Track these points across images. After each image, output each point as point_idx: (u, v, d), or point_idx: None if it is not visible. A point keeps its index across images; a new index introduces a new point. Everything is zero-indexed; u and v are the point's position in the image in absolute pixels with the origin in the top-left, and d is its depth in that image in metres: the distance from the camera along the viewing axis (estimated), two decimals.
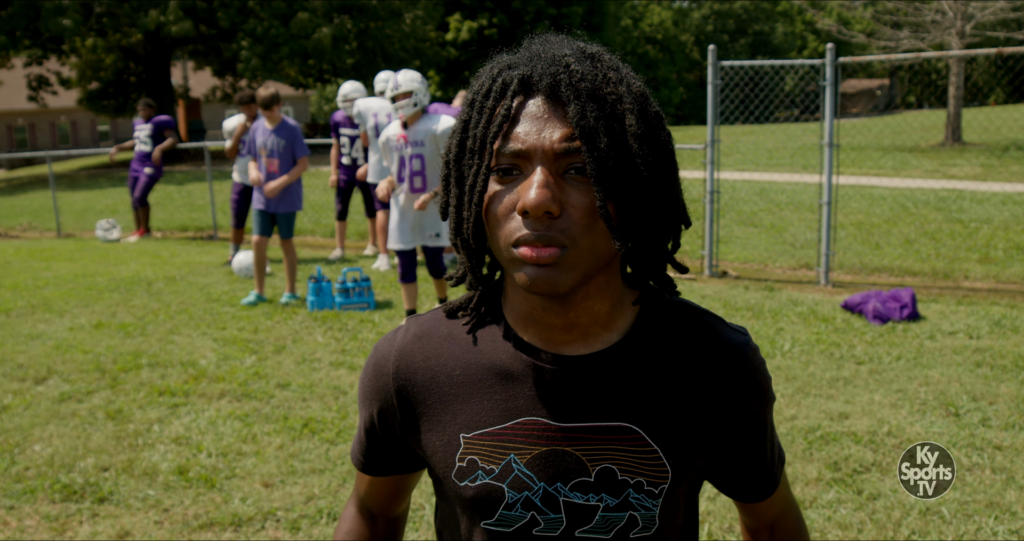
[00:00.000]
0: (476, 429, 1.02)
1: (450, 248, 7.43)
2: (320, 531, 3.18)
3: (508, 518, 1.01)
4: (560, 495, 0.99)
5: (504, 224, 0.93)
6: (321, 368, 5.11)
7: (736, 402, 1.04)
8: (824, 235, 7.10)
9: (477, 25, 33.08)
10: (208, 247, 10.18)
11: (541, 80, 0.93)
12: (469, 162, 0.97)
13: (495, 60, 1.01)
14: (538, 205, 0.89)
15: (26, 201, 16.97)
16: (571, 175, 0.92)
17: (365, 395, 1.11)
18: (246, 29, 23.12)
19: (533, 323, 1.01)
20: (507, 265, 0.95)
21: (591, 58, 0.96)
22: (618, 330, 1.02)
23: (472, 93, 0.99)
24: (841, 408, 4.20)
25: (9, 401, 4.69)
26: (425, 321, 1.10)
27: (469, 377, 1.04)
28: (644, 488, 0.99)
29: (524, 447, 1.00)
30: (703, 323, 1.05)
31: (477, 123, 0.96)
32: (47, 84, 27.72)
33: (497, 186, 0.94)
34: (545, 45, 0.98)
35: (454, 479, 1.03)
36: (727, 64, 7.52)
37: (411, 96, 5.51)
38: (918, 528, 3.07)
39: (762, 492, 1.14)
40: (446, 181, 1.02)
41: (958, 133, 19.70)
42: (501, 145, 0.93)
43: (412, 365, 1.06)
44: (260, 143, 6.69)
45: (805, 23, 53.67)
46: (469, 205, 0.97)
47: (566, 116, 0.91)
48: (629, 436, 0.99)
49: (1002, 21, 21.10)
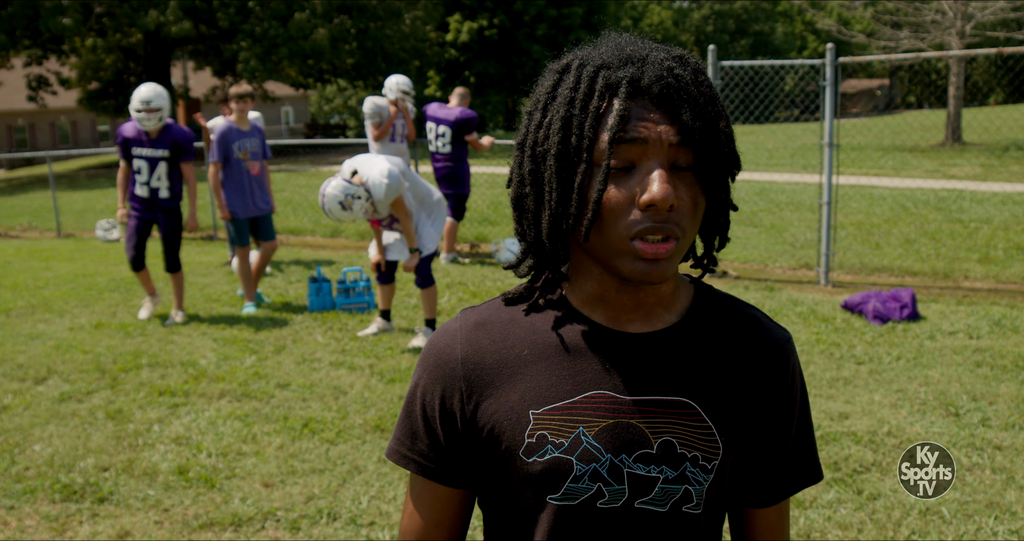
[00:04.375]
0: (545, 404, 1.05)
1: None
2: (320, 531, 3.18)
3: (574, 491, 1.04)
4: (624, 466, 1.03)
5: (620, 218, 0.98)
6: (321, 368, 5.11)
7: (776, 391, 1.10)
8: (824, 235, 7.10)
9: (477, 26, 33.07)
10: (208, 247, 10.18)
11: (652, 84, 0.98)
12: (576, 159, 1.00)
13: (577, 57, 1.04)
14: (665, 198, 0.95)
15: (26, 201, 16.97)
16: (675, 170, 0.99)
17: (427, 384, 1.11)
18: (246, 29, 23.13)
19: (602, 304, 1.07)
20: (613, 255, 1.00)
21: (681, 62, 1.02)
22: (676, 311, 1.10)
23: (566, 89, 1.01)
24: (841, 408, 4.20)
25: (9, 401, 4.69)
26: (483, 310, 1.13)
27: (536, 356, 1.07)
28: (699, 462, 1.04)
29: (592, 420, 1.04)
30: (749, 315, 1.13)
31: (582, 121, 0.99)
32: (47, 84, 27.72)
33: (610, 182, 0.99)
34: (635, 46, 1.02)
35: (522, 456, 1.05)
36: (727, 64, 7.52)
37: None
38: (918, 528, 3.07)
39: (785, 487, 1.14)
40: (535, 176, 1.04)
41: (958, 133, 19.71)
42: (620, 139, 0.97)
43: (480, 349, 1.09)
44: (238, 146, 6.56)
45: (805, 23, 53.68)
46: (581, 202, 1.00)
47: (671, 117, 0.98)
48: (687, 411, 1.05)
49: (1002, 21, 21.10)
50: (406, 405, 1.15)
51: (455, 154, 8.12)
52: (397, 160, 5.33)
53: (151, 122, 6.01)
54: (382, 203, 5.13)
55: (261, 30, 22.91)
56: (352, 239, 10.26)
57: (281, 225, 11.11)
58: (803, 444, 1.15)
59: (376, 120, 7.52)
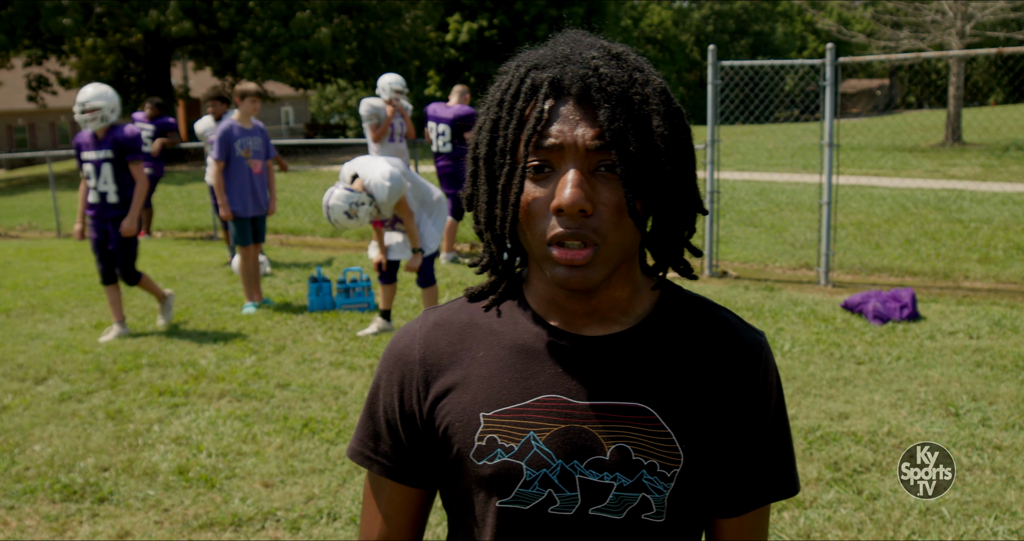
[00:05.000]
0: (496, 407, 1.04)
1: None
2: (320, 531, 3.18)
3: (525, 496, 1.02)
4: (576, 473, 1.01)
5: (538, 222, 0.97)
6: (321, 368, 5.11)
7: (748, 396, 1.05)
8: (824, 235, 7.10)
9: (477, 26, 33.05)
10: (208, 247, 10.18)
11: (572, 84, 0.96)
12: (500, 161, 1.00)
13: (519, 58, 1.03)
14: (573, 203, 0.93)
15: (26, 201, 16.97)
16: (601, 172, 0.96)
17: (387, 385, 1.11)
18: (246, 29, 23.12)
19: (555, 307, 1.05)
20: (540, 260, 0.99)
21: (617, 58, 0.99)
22: (635, 315, 1.06)
23: (499, 92, 1.02)
24: (841, 408, 4.20)
25: (9, 401, 4.69)
26: (444, 310, 1.13)
27: (491, 357, 1.06)
28: (657, 470, 1.01)
29: (543, 424, 1.02)
30: (719, 318, 1.08)
31: (507, 123, 0.99)
32: (47, 84, 27.69)
33: (530, 185, 0.98)
34: (572, 45, 1.01)
35: (472, 459, 1.04)
36: (727, 64, 7.51)
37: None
38: (918, 528, 3.07)
39: (753, 498, 1.08)
40: (474, 177, 1.05)
41: (958, 133, 19.70)
42: (535, 143, 0.96)
43: (438, 350, 1.09)
44: (240, 145, 6.57)
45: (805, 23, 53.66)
46: (504, 204, 1.00)
47: (596, 117, 0.95)
48: (644, 417, 1.01)
49: (1002, 21, 21.09)
50: (367, 405, 1.14)
51: (455, 152, 8.14)
52: (397, 161, 5.33)
53: (92, 123, 5.74)
54: (386, 205, 5.13)
55: (262, 30, 22.90)
56: (352, 239, 10.26)
57: (281, 225, 11.12)
58: (777, 453, 1.08)
59: (374, 122, 7.52)
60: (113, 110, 5.78)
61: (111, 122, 5.79)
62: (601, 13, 34.95)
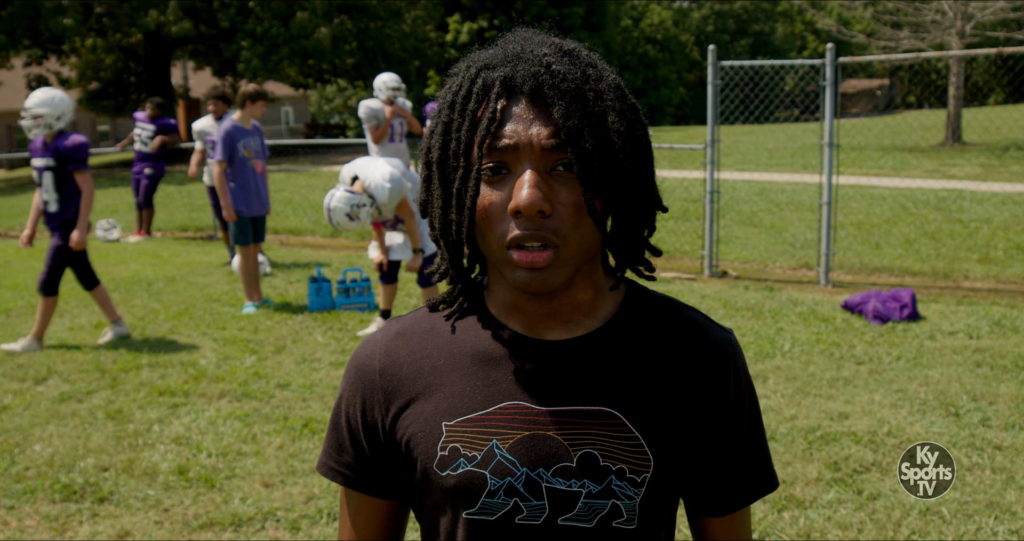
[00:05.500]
0: (458, 416, 1.01)
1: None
2: (320, 531, 3.18)
3: (491, 506, 1.00)
4: (543, 481, 0.98)
5: (496, 226, 0.94)
6: (321, 368, 5.11)
7: (718, 396, 1.04)
8: (824, 235, 7.10)
9: (477, 26, 33.04)
10: (208, 247, 10.18)
11: (524, 82, 0.93)
12: (454, 165, 0.97)
13: (468, 59, 1.01)
14: (530, 205, 0.90)
15: (26, 201, 16.94)
16: (559, 171, 0.93)
17: (350, 397, 1.09)
18: (246, 29, 23.12)
19: (516, 312, 1.03)
20: (499, 265, 0.96)
21: (569, 55, 0.97)
22: (599, 318, 1.04)
23: (450, 94, 0.99)
24: (841, 408, 4.20)
25: (9, 401, 4.69)
26: (405, 320, 1.11)
27: (452, 366, 1.04)
28: (626, 475, 0.98)
29: (506, 432, 0.99)
30: (686, 317, 1.06)
31: (460, 126, 0.96)
32: (47, 84, 27.70)
33: (485, 188, 0.95)
34: (522, 43, 0.98)
35: (436, 469, 1.01)
36: (727, 64, 7.52)
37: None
38: (918, 528, 3.07)
39: (743, 496, 1.09)
40: (427, 182, 1.02)
41: (958, 133, 19.69)
42: (489, 144, 0.93)
43: (398, 361, 1.06)
44: (243, 145, 6.59)
45: (805, 23, 53.66)
46: (459, 208, 0.97)
47: (550, 116, 0.93)
48: (610, 421, 0.99)
49: (1002, 21, 21.09)
50: (332, 417, 1.12)
51: None
52: (396, 161, 5.33)
53: (37, 130, 5.49)
54: (387, 206, 5.14)
55: (262, 30, 22.91)
56: (352, 239, 10.26)
57: (281, 225, 11.12)
58: (754, 451, 1.08)
59: (373, 123, 7.52)
60: (59, 117, 5.50)
61: (56, 129, 5.52)
62: (601, 13, 34.95)
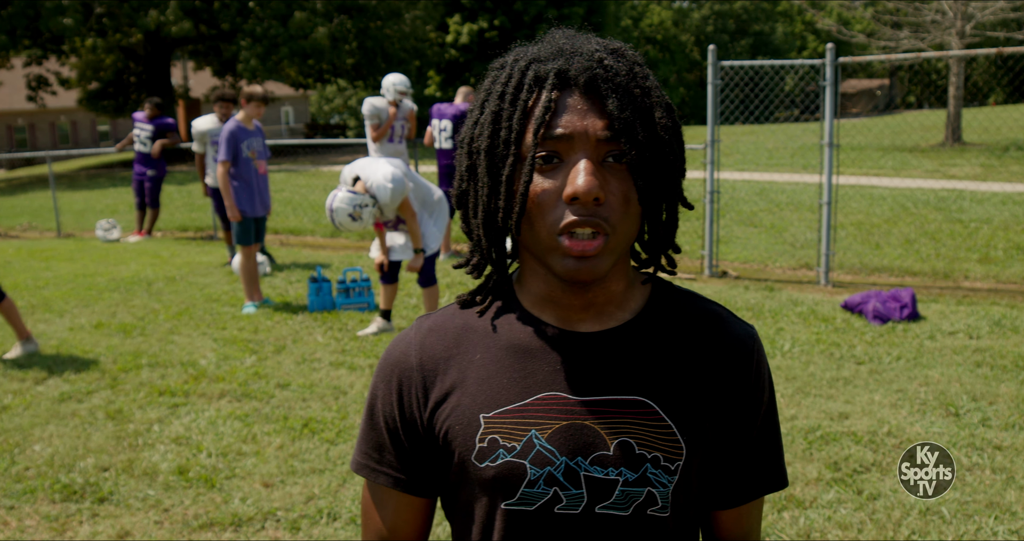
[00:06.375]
0: (496, 408, 1.03)
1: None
2: (320, 531, 3.18)
3: (530, 496, 1.01)
4: (581, 469, 1.00)
5: (548, 213, 0.96)
6: (321, 368, 5.11)
7: (741, 388, 1.07)
8: (824, 235, 7.10)
9: (477, 27, 33.03)
10: (208, 247, 10.18)
11: (579, 75, 0.96)
12: (503, 153, 0.99)
13: (515, 53, 1.04)
14: (588, 191, 0.93)
15: (26, 201, 16.97)
16: (608, 162, 0.96)
17: (385, 394, 1.09)
18: (246, 29, 23.12)
19: (551, 304, 1.05)
20: (546, 253, 0.98)
21: (616, 53, 1.00)
22: (630, 310, 1.06)
23: (499, 85, 1.01)
24: (841, 408, 4.20)
25: (9, 401, 4.69)
26: (437, 316, 1.12)
27: (488, 359, 1.05)
28: (661, 463, 1.01)
29: (545, 422, 1.01)
30: (712, 311, 1.09)
31: (511, 115, 0.99)
32: (47, 84, 27.69)
33: (537, 176, 0.97)
34: (570, 40, 1.01)
35: (475, 461, 1.03)
36: (727, 64, 7.51)
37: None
38: (918, 528, 3.07)
39: (756, 487, 1.11)
40: (471, 172, 1.04)
41: (958, 133, 19.70)
42: (544, 134, 0.96)
43: (434, 355, 1.08)
44: (246, 145, 6.62)
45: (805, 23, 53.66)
46: (508, 195, 0.99)
47: (602, 109, 0.96)
48: (644, 410, 1.01)
49: (1002, 21, 21.09)
50: (367, 417, 1.12)
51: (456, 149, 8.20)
52: (398, 161, 5.32)
53: None
54: (388, 207, 5.14)
55: (261, 30, 22.91)
56: (352, 239, 10.26)
57: (281, 225, 11.12)
58: (769, 444, 1.11)
59: (375, 122, 7.52)
60: None
61: None
62: (601, 13, 34.92)
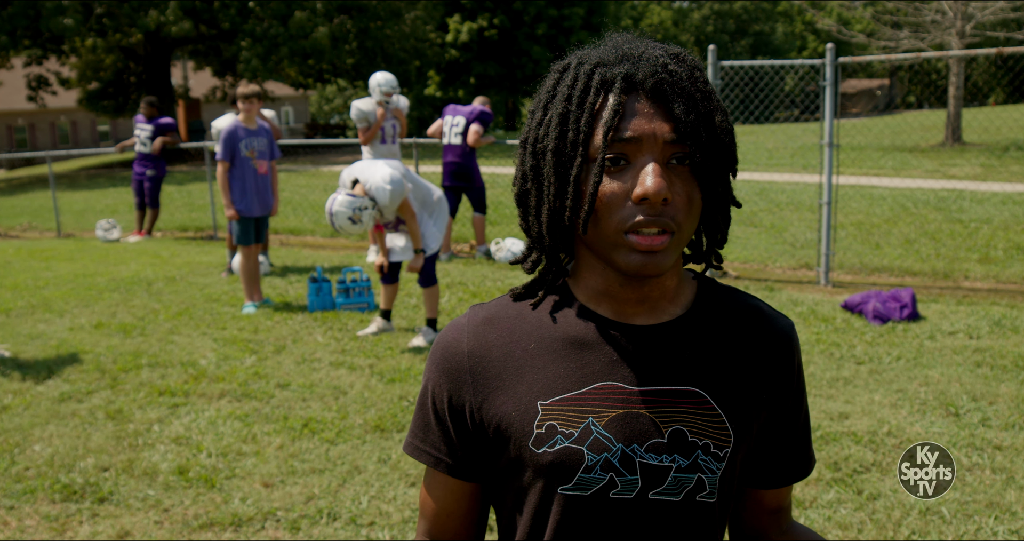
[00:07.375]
0: (554, 395, 1.06)
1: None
2: (320, 531, 3.18)
3: (586, 481, 1.05)
4: (636, 456, 1.05)
5: (615, 213, 1.00)
6: (321, 368, 5.11)
7: (783, 379, 1.13)
8: (824, 235, 7.10)
9: (477, 26, 33.03)
10: (208, 247, 10.18)
11: (646, 80, 1.00)
12: (572, 154, 1.03)
13: (576, 56, 1.07)
14: (657, 192, 0.97)
15: (26, 201, 16.97)
16: (672, 164, 1.01)
17: (436, 380, 1.13)
18: (246, 29, 23.12)
19: (607, 298, 1.09)
20: (611, 249, 1.02)
21: (677, 58, 1.04)
22: (681, 304, 1.12)
23: (565, 88, 1.05)
24: (841, 408, 4.20)
25: (9, 401, 4.69)
26: (490, 307, 1.15)
27: (544, 349, 1.09)
28: (711, 450, 1.06)
29: (602, 410, 1.05)
30: (753, 306, 1.16)
31: (578, 117, 1.02)
32: (47, 84, 27.70)
33: (605, 177, 1.01)
34: (632, 44, 1.05)
35: (531, 447, 1.06)
36: (727, 64, 7.51)
37: None
38: (918, 528, 3.07)
39: (797, 472, 1.19)
40: (535, 172, 1.07)
41: (958, 133, 19.70)
42: (613, 136, 0.99)
43: (487, 343, 1.11)
44: (245, 145, 6.60)
45: (805, 23, 53.67)
46: (576, 195, 1.03)
47: (667, 112, 1.00)
48: (696, 400, 1.07)
49: (1002, 21, 21.09)
50: (420, 399, 1.17)
51: (466, 148, 8.25)
52: (396, 163, 5.33)
53: None
54: (388, 208, 5.14)
55: (261, 30, 22.91)
56: (352, 239, 10.26)
57: (281, 225, 11.12)
58: (805, 431, 1.19)
59: (363, 125, 7.52)
60: None
61: None
62: (601, 13, 34.95)
